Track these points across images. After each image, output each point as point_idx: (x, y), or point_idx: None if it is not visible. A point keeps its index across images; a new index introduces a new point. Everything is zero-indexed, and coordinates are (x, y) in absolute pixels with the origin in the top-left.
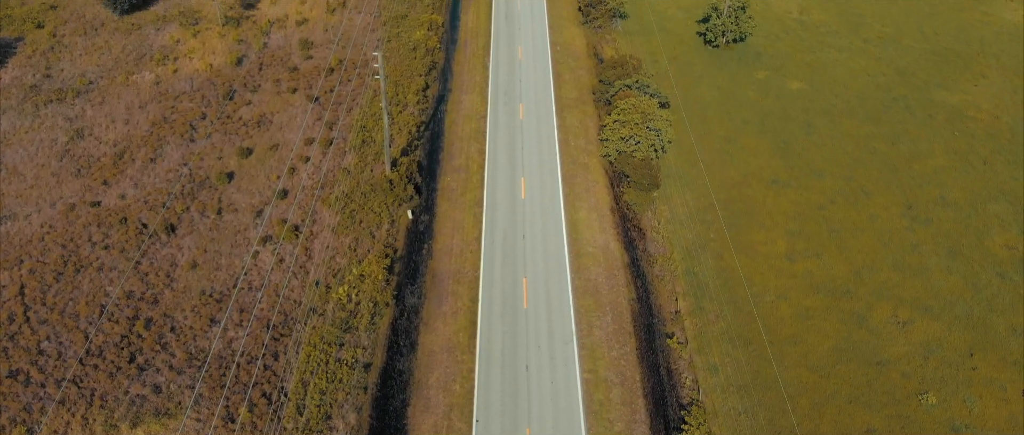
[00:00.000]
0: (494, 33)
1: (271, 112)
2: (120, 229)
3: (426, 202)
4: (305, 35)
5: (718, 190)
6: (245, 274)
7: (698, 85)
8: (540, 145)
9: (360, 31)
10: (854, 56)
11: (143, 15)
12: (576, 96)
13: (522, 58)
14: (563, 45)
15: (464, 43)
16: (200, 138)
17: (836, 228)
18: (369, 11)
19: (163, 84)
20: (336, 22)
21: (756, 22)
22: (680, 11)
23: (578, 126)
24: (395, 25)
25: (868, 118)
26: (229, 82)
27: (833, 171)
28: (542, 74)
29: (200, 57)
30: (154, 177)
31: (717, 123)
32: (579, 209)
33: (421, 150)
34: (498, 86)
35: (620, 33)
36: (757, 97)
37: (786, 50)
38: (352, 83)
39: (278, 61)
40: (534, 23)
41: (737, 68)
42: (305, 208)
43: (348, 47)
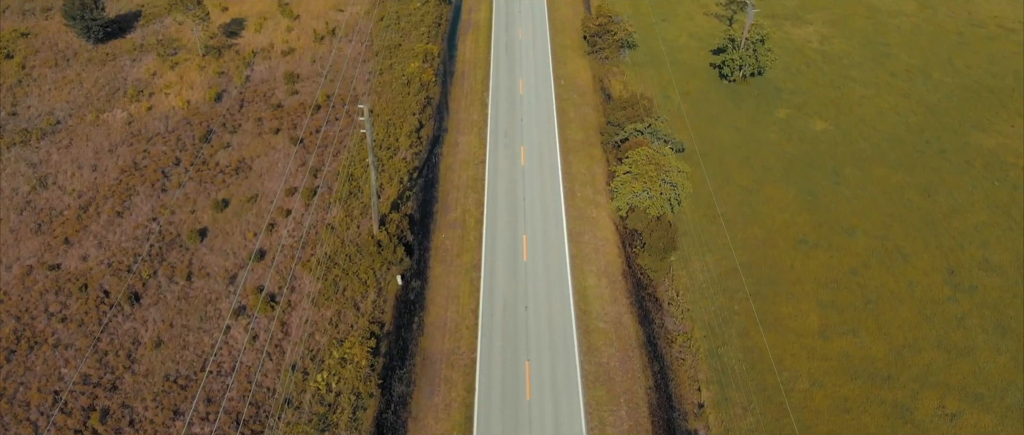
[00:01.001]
0: (494, 64)
1: (251, 156)
2: (80, 297)
3: (418, 264)
4: (291, 67)
5: (741, 251)
6: (215, 354)
7: (714, 125)
8: (544, 196)
9: (350, 62)
10: (881, 92)
11: (119, 44)
12: (582, 138)
13: (523, 93)
14: (567, 78)
15: (461, 75)
16: (173, 188)
17: (872, 298)
18: (360, 40)
19: (136, 124)
20: (324, 52)
21: (775, 54)
22: (692, 39)
23: (585, 173)
24: (388, 55)
25: (900, 165)
26: (207, 121)
27: (865, 228)
28: (545, 112)
29: (177, 92)
30: (120, 234)
31: (737, 170)
32: (588, 274)
33: (413, 201)
34: (498, 125)
35: (628, 65)
36: (779, 139)
37: (808, 85)
38: (340, 122)
39: (261, 97)
40: (536, 53)
41: (756, 105)
42: (283, 272)
43: (337, 81)
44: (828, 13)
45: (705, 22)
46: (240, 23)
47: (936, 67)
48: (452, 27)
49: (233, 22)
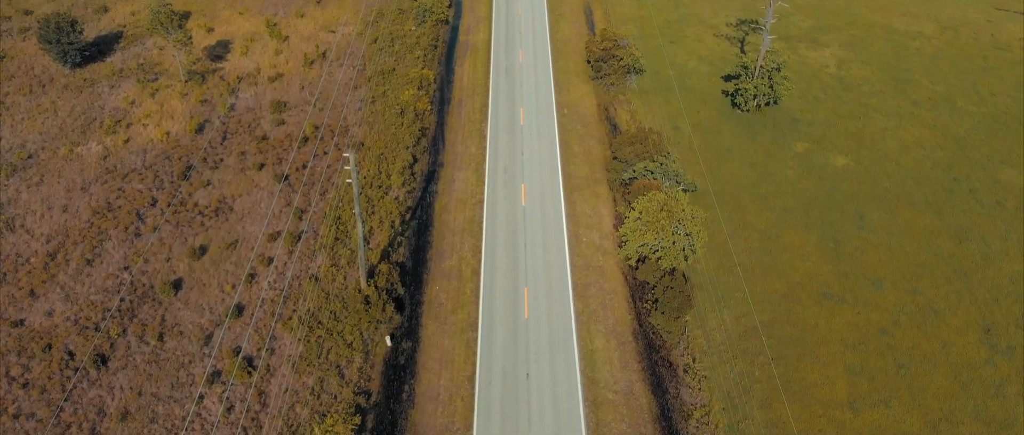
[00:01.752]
0: (493, 90)
1: (233, 195)
2: (44, 359)
3: (409, 321)
4: (278, 94)
5: (761, 307)
6: (186, 428)
7: (728, 160)
8: (546, 242)
9: (341, 89)
10: (904, 123)
11: (98, 68)
12: (587, 174)
13: (524, 123)
14: (570, 106)
15: (458, 103)
16: (147, 232)
17: (904, 362)
18: (352, 64)
19: (111, 158)
20: (314, 77)
21: (791, 83)
22: (701, 63)
23: (590, 215)
24: (381, 81)
25: (928, 206)
26: (187, 155)
27: (893, 279)
28: (547, 145)
29: (156, 123)
30: (89, 286)
31: (754, 212)
32: (595, 335)
33: (405, 247)
34: (497, 160)
35: (635, 91)
36: (797, 177)
37: (826, 115)
38: (328, 156)
39: (245, 128)
40: (538, 78)
41: (772, 138)
42: (263, 332)
43: (326, 109)
44: (845, 35)
45: (715, 44)
46: (226, 45)
47: (960, 95)
48: (449, 49)
49: (219, 44)
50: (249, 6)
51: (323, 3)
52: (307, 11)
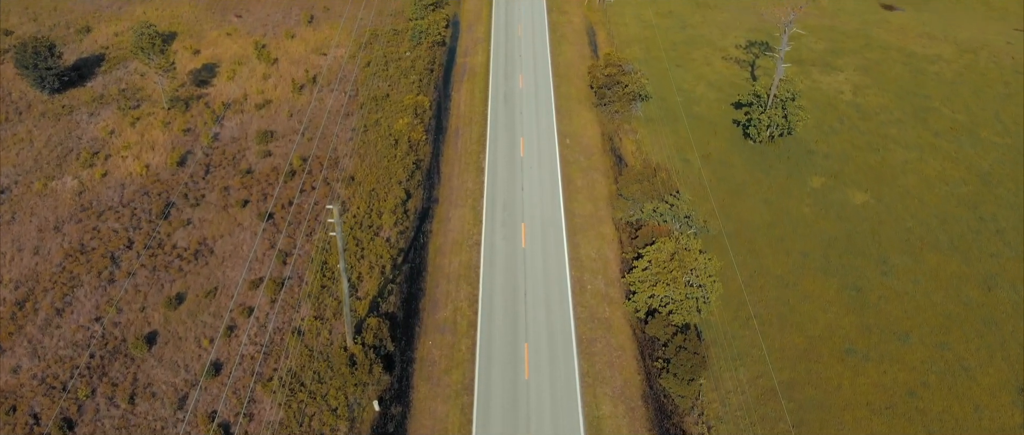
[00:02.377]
0: (491, 118)
1: (214, 236)
2: (7, 423)
3: (400, 382)
4: (265, 123)
5: (780, 366)
6: None
7: (741, 197)
8: (548, 290)
9: (331, 116)
10: (925, 155)
11: (78, 94)
12: (591, 211)
13: (524, 154)
14: (573, 136)
15: (455, 132)
16: (121, 278)
17: (934, 430)
18: (343, 89)
19: (87, 194)
20: (304, 104)
21: (806, 112)
22: (710, 89)
23: (595, 259)
24: (374, 108)
25: (954, 249)
26: (167, 191)
27: (920, 333)
28: (549, 179)
29: (136, 155)
30: (58, 339)
31: (770, 256)
32: (602, 398)
33: (396, 296)
34: (495, 196)
35: (641, 120)
36: (815, 216)
37: (843, 147)
38: (316, 192)
39: (229, 160)
40: (539, 105)
41: (786, 172)
42: (241, 394)
43: (316, 139)
44: (860, 58)
45: (724, 68)
46: (212, 69)
47: (983, 124)
48: (446, 72)
49: (205, 68)
50: (238, 27)
51: (315, 23)
52: (298, 32)
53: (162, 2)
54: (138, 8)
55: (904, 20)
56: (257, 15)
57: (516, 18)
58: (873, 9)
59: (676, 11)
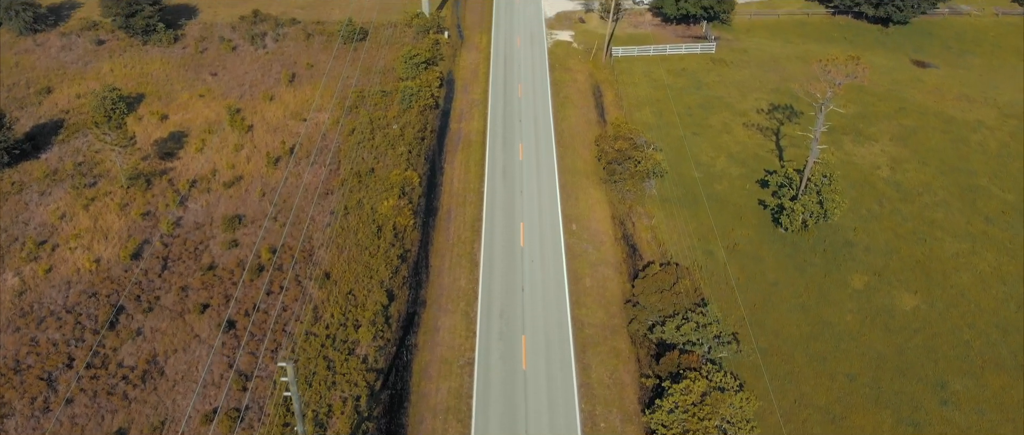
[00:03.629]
0: (488, 197)
1: (166, 351)
2: None
3: None
4: (234, 205)
5: None
6: None
7: (774, 301)
8: (554, 431)
9: (308, 195)
10: (977, 246)
11: (31, 167)
12: (602, 320)
13: (525, 244)
14: (580, 221)
15: (447, 213)
16: (56, 405)
17: None
18: (323, 162)
19: (29, 295)
20: (278, 180)
21: (842, 197)
22: (732, 162)
23: (609, 384)
24: (357, 185)
25: (1019, 367)
26: (118, 292)
27: None
28: (553, 277)
29: (87, 245)
30: None
31: (811, 381)
32: None
33: None
34: (491, 299)
35: (656, 200)
36: (859, 326)
37: (885, 236)
38: (286, 292)
39: (190, 252)
40: (541, 181)
41: (823, 269)
42: None
43: (289, 224)
44: (895, 125)
45: (746, 137)
46: (180, 139)
47: None
48: (439, 139)
49: (171, 137)
50: (212, 87)
51: (297, 82)
52: (277, 93)
53: (132, 58)
54: (105, 64)
55: (939, 79)
56: (234, 73)
57: (516, 76)
58: (904, 66)
59: (689, 68)
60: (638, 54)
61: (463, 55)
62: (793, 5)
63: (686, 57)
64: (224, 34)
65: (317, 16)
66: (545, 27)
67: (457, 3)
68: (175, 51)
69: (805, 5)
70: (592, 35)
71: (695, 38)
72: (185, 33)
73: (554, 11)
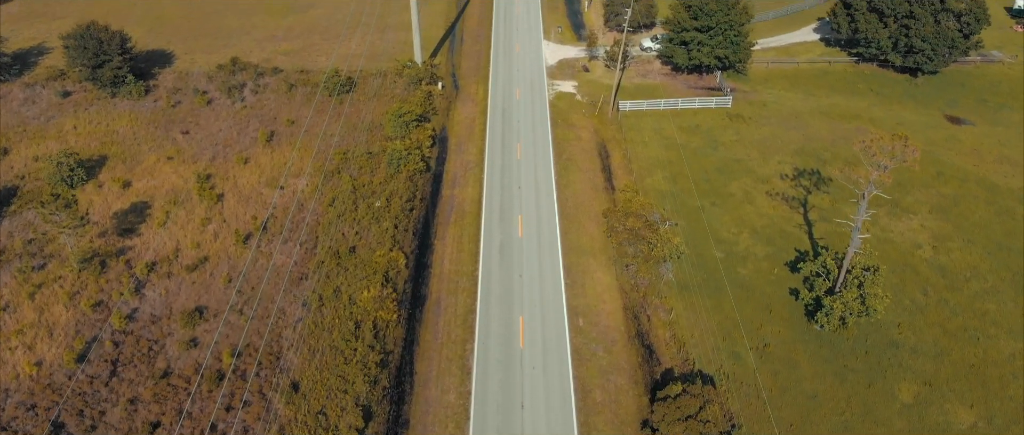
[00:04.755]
0: (483, 282)
1: None
2: None
3: None
4: (196, 294)
5: None
6: None
7: (812, 417)
8: None
9: (279, 279)
10: None
11: None
12: None
13: (524, 345)
14: (587, 313)
15: (436, 303)
16: None
17: None
18: (298, 239)
19: None
20: (249, 262)
21: (884, 289)
22: (756, 240)
23: None
24: (335, 269)
25: None
26: (57, 405)
27: None
28: (558, 388)
29: (29, 344)
30: None
31: None
32: None
33: None
34: (486, 423)
35: (673, 287)
36: None
37: (933, 333)
38: (248, 408)
39: (143, 354)
40: (543, 263)
41: (866, 376)
42: None
43: (256, 318)
44: (933, 194)
45: (770, 208)
46: (142, 211)
47: None
48: (430, 208)
49: (133, 209)
50: (182, 147)
51: (276, 141)
52: (253, 154)
53: (98, 112)
54: (69, 120)
55: (976, 138)
56: (207, 130)
57: (515, 132)
58: (938, 122)
59: (704, 125)
60: (647, 108)
61: (458, 108)
62: (813, 52)
63: (700, 112)
64: (199, 85)
65: (302, 63)
66: (546, 76)
67: (452, 48)
68: (146, 105)
69: (826, 52)
70: (597, 86)
71: (709, 90)
72: (158, 83)
73: (556, 58)
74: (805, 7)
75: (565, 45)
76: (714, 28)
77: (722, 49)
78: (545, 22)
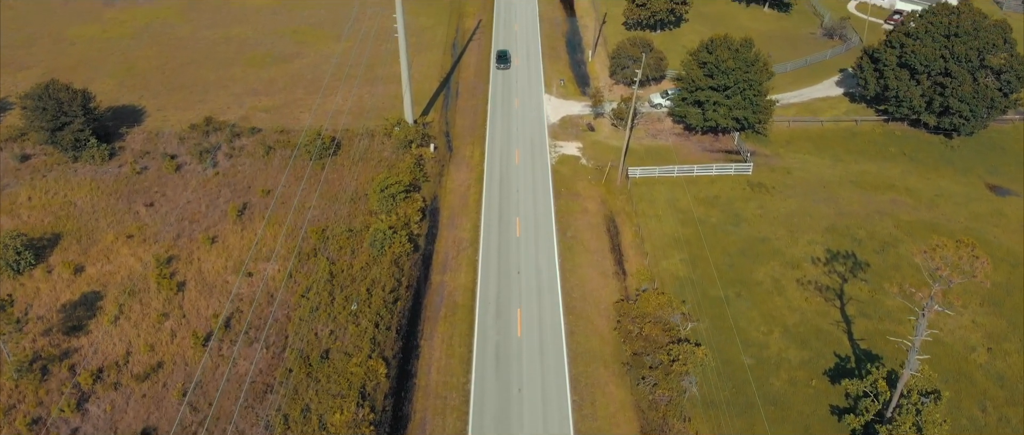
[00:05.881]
0: (475, 399)
1: None
2: None
3: None
4: (145, 410)
5: None
6: None
7: None
8: None
9: (241, 392)
10: None
11: None
12: None
13: None
14: None
15: (420, 426)
16: None
17: None
18: (264, 338)
19: None
20: (208, 369)
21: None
22: (789, 341)
23: None
24: (304, 379)
25: None
26: None
27: None
28: None
29: None
30: None
31: None
32: None
33: None
34: None
35: (698, 404)
36: None
37: None
38: None
39: None
40: (545, 374)
41: None
42: None
43: None
44: None
45: (802, 299)
46: (92, 304)
47: None
48: (416, 298)
49: (83, 300)
50: (145, 223)
51: (248, 215)
52: (221, 232)
53: (57, 180)
54: (24, 190)
55: (1021, 210)
56: (174, 202)
57: (514, 205)
58: (979, 193)
59: (723, 196)
60: (660, 175)
61: (451, 174)
62: (838, 109)
63: (718, 179)
64: (169, 148)
65: (282, 121)
66: (548, 136)
67: (446, 103)
68: (109, 170)
69: (851, 109)
70: (603, 148)
71: (726, 153)
72: (125, 145)
73: (558, 115)
74: (825, 58)
75: (568, 100)
76: (731, 87)
77: (740, 110)
78: (546, 73)
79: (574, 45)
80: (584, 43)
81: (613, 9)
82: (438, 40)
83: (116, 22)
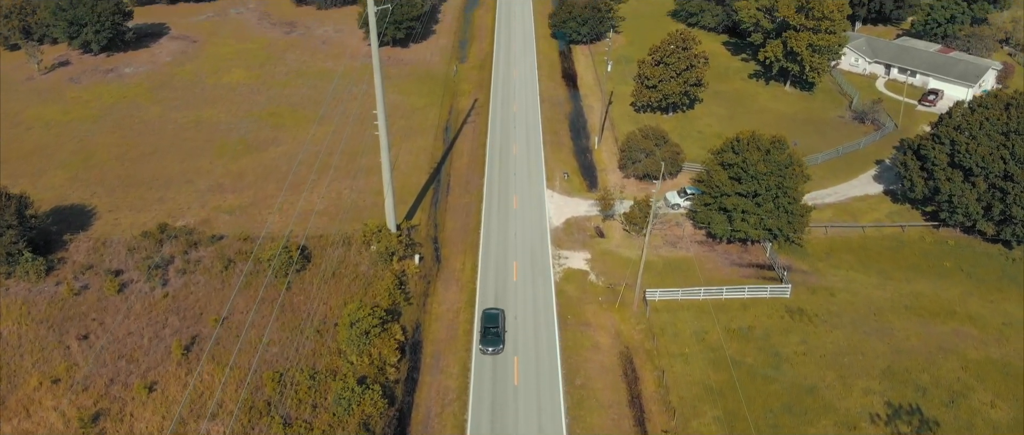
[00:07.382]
0: None
1: None
2: None
3: None
4: None
5: None
6: None
7: None
8: None
9: None
10: None
11: None
12: None
13: None
14: None
15: None
16: None
17: None
18: None
19: None
20: None
21: None
22: None
23: None
24: None
25: None
26: None
27: None
28: None
29: None
30: None
31: None
32: None
33: None
34: None
35: None
36: None
37: None
38: None
39: None
40: None
41: None
42: None
43: None
44: None
45: None
46: None
47: None
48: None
49: None
50: (76, 361)
51: (196, 352)
52: (162, 376)
53: None
54: None
55: None
56: (113, 334)
57: (511, 339)
58: None
59: (758, 326)
60: (683, 298)
61: (439, 293)
62: (879, 211)
63: (750, 304)
64: (115, 261)
65: (247, 226)
66: (551, 244)
67: (436, 199)
68: (45, 290)
69: (894, 211)
70: (615, 260)
71: (757, 267)
72: (66, 255)
73: (562, 217)
74: (859, 147)
75: (573, 196)
76: (763, 194)
77: (773, 219)
78: (548, 164)
79: (578, 129)
80: (589, 127)
81: (620, 88)
82: (429, 123)
83: (79, 102)
